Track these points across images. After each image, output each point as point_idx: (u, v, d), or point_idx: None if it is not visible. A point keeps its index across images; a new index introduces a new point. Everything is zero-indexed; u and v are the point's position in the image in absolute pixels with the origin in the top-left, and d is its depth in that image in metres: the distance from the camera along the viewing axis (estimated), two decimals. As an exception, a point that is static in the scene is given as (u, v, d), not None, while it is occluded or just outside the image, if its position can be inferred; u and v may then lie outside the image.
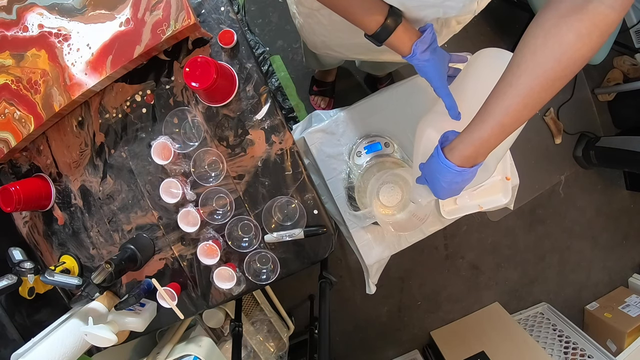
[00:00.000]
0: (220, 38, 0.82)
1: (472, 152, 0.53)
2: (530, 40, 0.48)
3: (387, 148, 0.95)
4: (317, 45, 0.93)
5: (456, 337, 1.85)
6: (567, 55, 0.45)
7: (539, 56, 0.46)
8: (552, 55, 0.46)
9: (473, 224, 1.87)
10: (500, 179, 0.93)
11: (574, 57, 0.45)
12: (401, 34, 0.60)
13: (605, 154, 1.74)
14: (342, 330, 1.90)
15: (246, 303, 1.49)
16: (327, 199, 1.00)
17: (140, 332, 0.92)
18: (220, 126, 0.86)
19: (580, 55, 0.45)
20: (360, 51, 0.86)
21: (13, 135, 0.86)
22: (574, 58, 0.46)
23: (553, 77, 0.47)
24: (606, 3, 0.43)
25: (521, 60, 0.48)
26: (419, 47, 0.61)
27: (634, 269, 2.04)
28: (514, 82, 0.48)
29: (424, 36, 0.61)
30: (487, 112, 0.51)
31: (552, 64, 0.46)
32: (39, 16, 0.81)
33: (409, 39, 0.61)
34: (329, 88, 1.64)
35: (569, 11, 0.45)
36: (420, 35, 0.61)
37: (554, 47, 0.46)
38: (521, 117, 0.50)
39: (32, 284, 0.94)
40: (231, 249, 0.89)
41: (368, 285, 1.05)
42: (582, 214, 1.94)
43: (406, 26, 0.61)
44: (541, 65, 0.46)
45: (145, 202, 0.91)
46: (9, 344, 0.90)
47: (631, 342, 1.65)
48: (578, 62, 0.46)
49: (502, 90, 0.50)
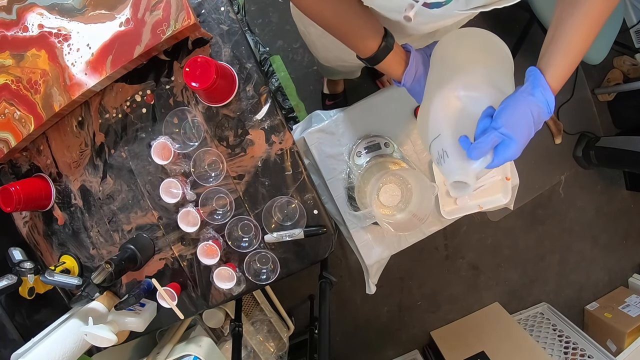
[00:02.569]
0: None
1: (557, 90, 0.53)
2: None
3: (387, 148, 0.95)
4: (330, 59, 0.95)
5: (456, 337, 1.85)
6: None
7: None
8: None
9: (473, 224, 1.87)
10: (500, 179, 0.93)
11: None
12: (392, 59, 0.63)
13: (605, 154, 1.74)
14: (342, 330, 1.90)
15: (246, 303, 1.49)
16: (327, 199, 1.00)
17: (140, 332, 0.92)
18: (220, 126, 0.86)
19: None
20: None
21: (13, 135, 0.86)
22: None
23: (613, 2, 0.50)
24: None
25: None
26: (407, 79, 0.64)
27: (634, 269, 2.04)
28: (588, 13, 0.50)
29: (408, 68, 0.63)
30: (573, 44, 0.51)
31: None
32: (39, 16, 0.81)
33: (399, 64, 0.63)
34: (341, 99, 1.64)
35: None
36: (407, 54, 0.64)
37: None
38: (591, 42, 0.52)
39: (32, 284, 0.94)
40: (231, 249, 0.89)
41: (368, 285, 1.05)
42: (582, 214, 1.94)
43: (396, 50, 0.63)
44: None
45: (145, 202, 0.91)
46: (9, 344, 0.90)
47: (631, 342, 1.65)
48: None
49: (579, 22, 0.51)
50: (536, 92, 0.51)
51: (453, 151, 0.55)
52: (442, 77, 0.60)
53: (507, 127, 0.50)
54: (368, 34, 0.60)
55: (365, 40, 0.61)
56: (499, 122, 0.50)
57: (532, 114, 0.50)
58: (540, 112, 0.51)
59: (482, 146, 0.51)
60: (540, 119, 0.52)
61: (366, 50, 0.62)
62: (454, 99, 0.57)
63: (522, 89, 0.52)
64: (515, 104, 0.51)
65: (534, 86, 0.51)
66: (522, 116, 0.50)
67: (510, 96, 0.52)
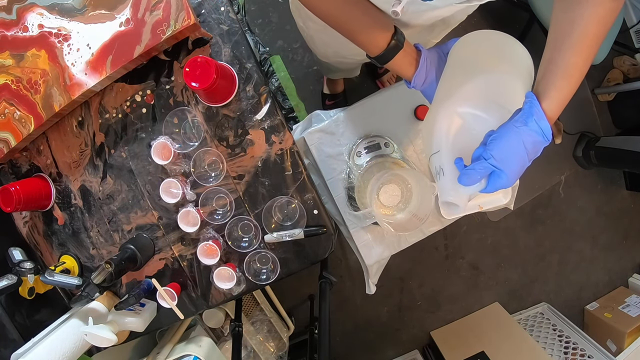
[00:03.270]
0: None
1: (557, 114, 0.51)
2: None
3: (387, 148, 0.95)
4: (329, 55, 0.94)
5: (456, 337, 1.85)
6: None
7: (598, 4, 0.47)
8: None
9: (473, 224, 1.87)
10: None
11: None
12: (402, 58, 0.61)
13: (605, 154, 1.74)
14: (342, 330, 1.90)
15: (246, 303, 1.49)
16: (327, 199, 1.00)
17: (140, 332, 0.92)
18: (220, 126, 0.86)
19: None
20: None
21: (13, 135, 0.86)
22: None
23: (610, 21, 0.49)
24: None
25: (585, 13, 0.48)
26: (417, 82, 0.63)
27: (634, 269, 2.04)
28: (586, 31, 0.49)
29: (418, 71, 0.62)
30: (571, 66, 0.50)
31: (611, 6, 0.48)
32: (39, 16, 0.81)
33: (409, 64, 0.62)
34: (341, 99, 1.63)
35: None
36: (418, 53, 0.62)
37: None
38: (592, 61, 0.51)
39: (32, 284, 0.94)
40: (231, 249, 0.89)
41: (368, 285, 1.05)
42: (582, 214, 1.94)
43: (406, 50, 0.61)
44: (601, 10, 0.48)
45: (145, 202, 0.91)
46: (9, 344, 0.90)
47: (631, 342, 1.65)
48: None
49: (579, 41, 0.49)
50: (530, 122, 0.49)
51: (449, 171, 0.55)
52: (453, 84, 0.59)
53: (497, 158, 0.49)
54: (376, 32, 0.59)
55: (373, 38, 0.59)
56: (489, 153, 0.50)
57: (524, 145, 0.49)
58: (535, 142, 0.49)
59: (472, 174, 0.51)
60: (536, 148, 0.50)
61: (375, 49, 0.60)
62: (457, 116, 0.56)
63: (517, 117, 0.50)
64: (507, 134, 0.49)
65: (528, 115, 0.49)
66: (513, 148, 0.49)
67: (504, 125, 0.51)
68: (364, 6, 0.58)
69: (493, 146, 0.50)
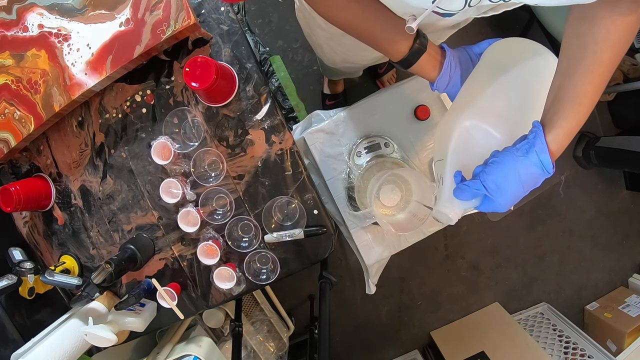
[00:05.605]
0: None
1: (564, 145, 0.49)
2: (598, 21, 0.46)
3: (387, 148, 0.95)
4: (336, 61, 0.94)
5: (456, 337, 1.85)
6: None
7: (612, 31, 0.45)
8: (624, 25, 0.45)
9: (473, 224, 1.87)
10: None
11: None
12: (425, 61, 0.60)
13: (605, 154, 1.74)
14: (342, 330, 1.90)
15: (246, 303, 1.49)
16: (327, 199, 1.00)
17: (140, 332, 0.92)
18: (220, 126, 0.86)
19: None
20: (381, 57, 0.86)
21: (13, 135, 0.86)
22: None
23: (624, 47, 0.47)
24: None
25: (598, 38, 0.46)
26: (439, 85, 0.62)
27: (634, 269, 2.04)
28: (601, 58, 0.47)
29: (441, 75, 0.60)
30: (582, 95, 0.48)
31: (625, 30, 0.46)
32: (39, 16, 0.81)
33: (433, 66, 0.61)
34: (342, 99, 1.63)
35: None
36: (442, 55, 0.61)
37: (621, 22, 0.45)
38: (603, 89, 0.49)
39: (32, 284, 0.94)
40: (231, 249, 0.89)
41: (368, 285, 1.05)
42: (582, 214, 1.94)
43: (430, 52, 0.60)
44: (615, 35, 0.46)
45: (145, 202, 0.91)
46: (9, 344, 0.90)
47: (631, 342, 1.65)
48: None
49: (590, 69, 0.47)
50: (530, 153, 0.48)
51: (448, 182, 0.55)
52: (476, 91, 0.58)
53: (490, 185, 0.49)
54: (398, 37, 0.58)
55: (395, 43, 0.58)
56: (485, 176, 0.49)
57: (520, 175, 0.48)
58: (533, 174, 0.48)
59: (466, 191, 0.51)
60: (534, 180, 0.49)
61: (397, 54, 0.59)
62: (468, 129, 0.56)
63: (519, 145, 0.49)
64: (506, 161, 0.49)
65: (531, 146, 0.48)
66: (509, 177, 0.48)
67: (506, 150, 0.50)
68: (383, 13, 0.56)
69: (490, 170, 0.49)
